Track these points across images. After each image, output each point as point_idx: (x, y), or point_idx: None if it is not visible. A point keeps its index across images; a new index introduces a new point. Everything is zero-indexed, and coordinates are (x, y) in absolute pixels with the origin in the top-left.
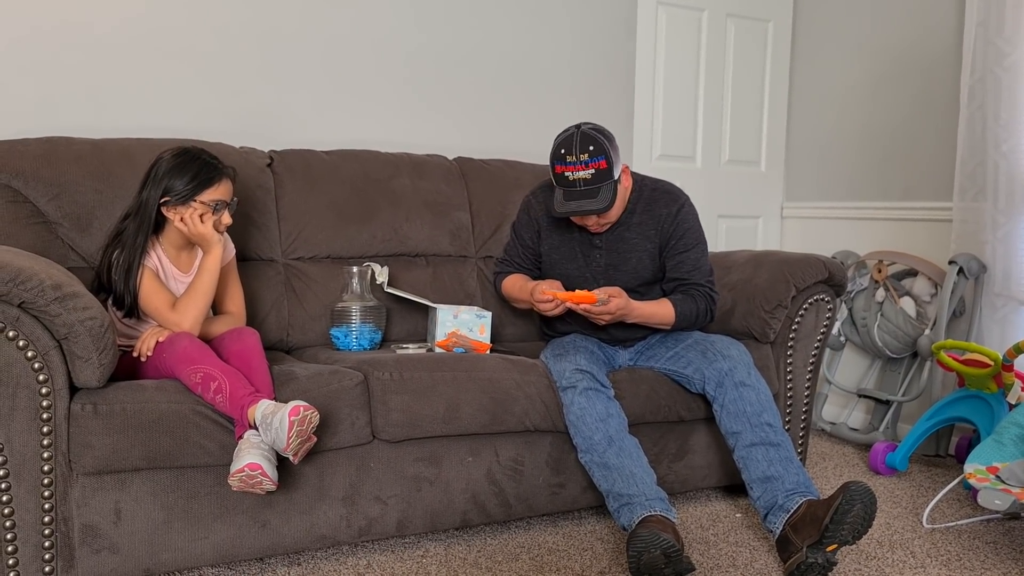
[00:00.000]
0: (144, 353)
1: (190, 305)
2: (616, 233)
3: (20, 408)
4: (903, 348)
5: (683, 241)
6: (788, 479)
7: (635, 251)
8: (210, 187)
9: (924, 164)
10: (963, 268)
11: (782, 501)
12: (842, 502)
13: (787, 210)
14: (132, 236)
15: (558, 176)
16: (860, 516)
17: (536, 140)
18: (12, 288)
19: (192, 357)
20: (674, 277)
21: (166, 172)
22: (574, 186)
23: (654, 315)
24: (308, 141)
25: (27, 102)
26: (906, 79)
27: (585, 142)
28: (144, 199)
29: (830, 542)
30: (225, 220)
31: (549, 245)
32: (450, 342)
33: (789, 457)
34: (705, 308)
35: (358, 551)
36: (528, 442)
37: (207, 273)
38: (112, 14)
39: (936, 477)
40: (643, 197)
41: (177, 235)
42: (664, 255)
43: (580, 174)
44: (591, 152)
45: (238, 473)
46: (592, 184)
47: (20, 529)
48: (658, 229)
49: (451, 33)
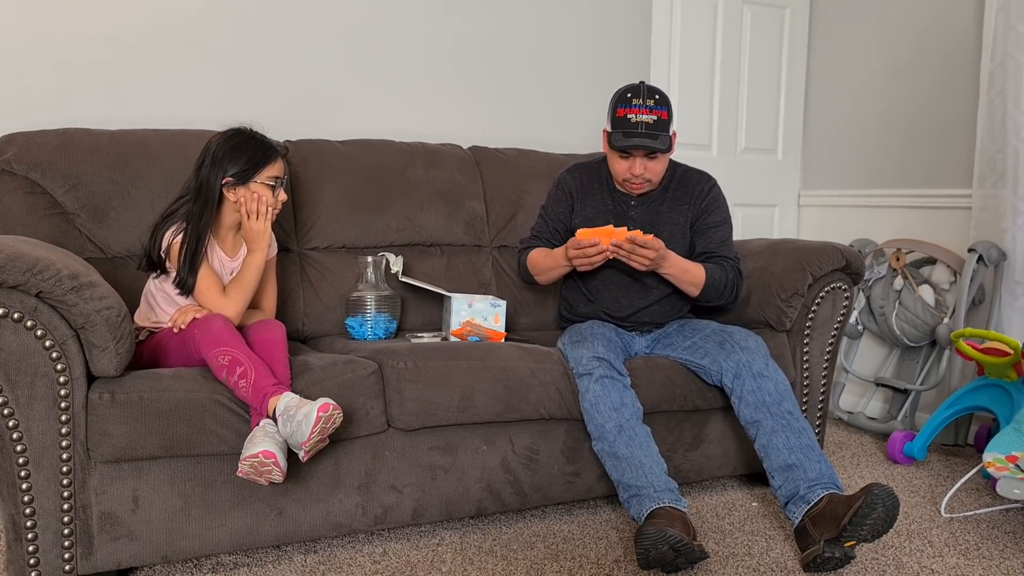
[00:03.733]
0: (179, 325)
1: (239, 294)
2: (650, 206)
3: (39, 397)
4: (921, 337)
5: (713, 217)
6: (811, 468)
7: (667, 224)
8: (267, 165)
9: (943, 151)
10: (983, 256)
11: (803, 492)
12: (863, 504)
13: (804, 198)
14: (197, 217)
15: (619, 119)
16: (881, 518)
17: (551, 129)
18: (30, 278)
19: (223, 339)
20: (703, 251)
21: (225, 153)
22: (636, 128)
23: (687, 271)
24: (323, 131)
25: (44, 94)
26: (925, 65)
27: (651, 91)
28: (204, 180)
29: (848, 539)
30: (282, 197)
31: (582, 217)
32: (465, 331)
33: (811, 445)
34: (733, 279)
35: (374, 539)
36: (543, 430)
37: (253, 270)
38: (128, 6)
39: (955, 466)
40: (676, 176)
41: (229, 218)
42: (694, 230)
43: (643, 118)
44: (656, 100)
45: (251, 458)
46: (653, 130)
47: (40, 516)
48: (690, 204)
49: (465, 22)
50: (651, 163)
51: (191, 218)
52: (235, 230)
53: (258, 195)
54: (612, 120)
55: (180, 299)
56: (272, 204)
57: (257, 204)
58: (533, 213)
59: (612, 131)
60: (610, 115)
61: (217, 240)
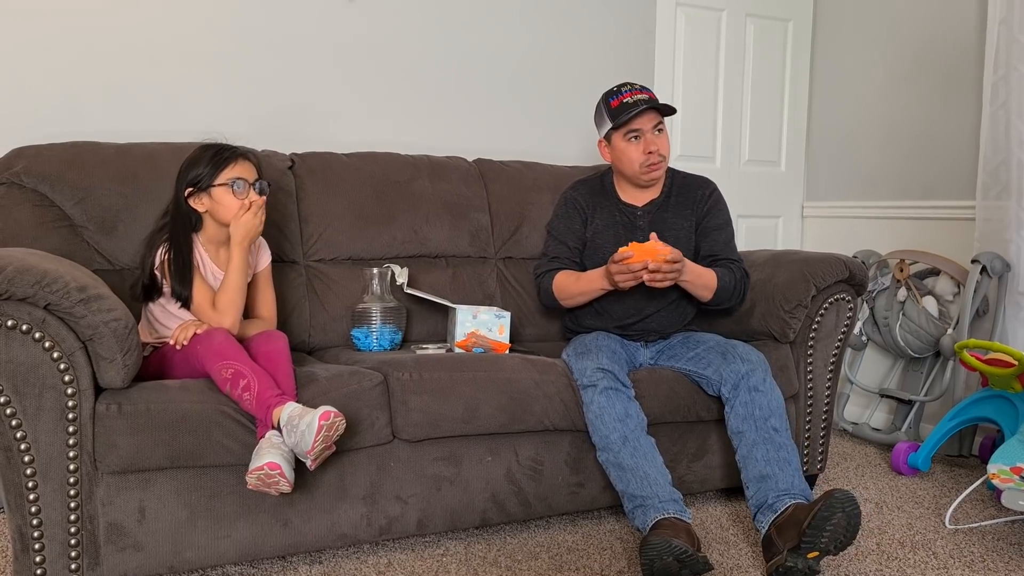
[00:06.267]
0: (180, 342)
1: (228, 304)
2: (656, 215)
3: (46, 408)
4: (925, 348)
5: (716, 220)
6: (782, 479)
7: (673, 230)
8: (226, 167)
9: (946, 162)
10: (986, 267)
11: (772, 501)
12: (822, 508)
13: (807, 210)
14: (176, 233)
15: (616, 108)
16: (841, 525)
17: (555, 142)
18: (38, 290)
19: (225, 353)
20: (709, 254)
21: (187, 166)
22: (636, 105)
23: (701, 276)
24: (329, 143)
25: (53, 107)
26: (928, 77)
27: (633, 83)
28: (175, 196)
29: (809, 549)
30: (253, 198)
31: (593, 230)
32: (469, 342)
33: (788, 460)
34: (741, 280)
35: (379, 550)
36: (547, 442)
37: (235, 273)
38: (136, 20)
39: (959, 477)
40: (676, 182)
41: (214, 231)
42: (698, 233)
43: (638, 96)
44: (641, 87)
45: (257, 471)
46: (651, 102)
47: (47, 527)
48: (693, 208)
49: (471, 36)
50: (659, 139)
51: (172, 235)
52: (225, 245)
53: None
54: (609, 113)
55: (180, 313)
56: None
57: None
58: (537, 225)
59: (615, 119)
60: (605, 112)
61: (208, 253)
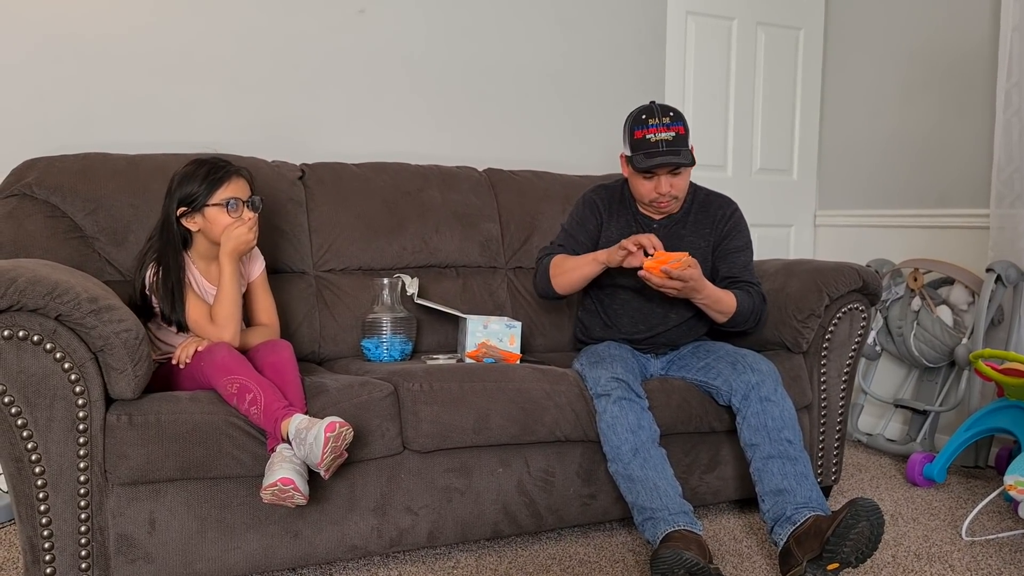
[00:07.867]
0: (183, 361)
1: (226, 316)
2: (672, 230)
3: (57, 419)
4: (940, 357)
5: (736, 241)
6: (800, 493)
7: (688, 247)
8: (221, 186)
9: (960, 170)
10: (1001, 276)
11: (790, 513)
12: (847, 516)
13: (820, 218)
14: (165, 253)
15: (638, 141)
16: (865, 534)
17: (565, 151)
18: (49, 301)
19: (229, 367)
20: (727, 276)
21: (178, 184)
22: (656, 147)
23: (720, 300)
24: (339, 154)
25: (65, 118)
26: (940, 84)
27: (665, 109)
28: (164, 214)
29: (831, 559)
30: (246, 216)
31: (607, 236)
32: (480, 352)
33: (804, 473)
34: (760, 304)
35: (389, 561)
36: (559, 452)
37: (226, 284)
38: (146, 31)
39: (975, 489)
40: (697, 200)
41: (206, 247)
42: (716, 254)
43: (662, 136)
44: (672, 117)
45: (270, 487)
46: (674, 146)
47: (57, 538)
48: (712, 228)
49: (480, 45)
50: (676, 179)
51: (161, 255)
52: (215, 261)
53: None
54: (630, 143)
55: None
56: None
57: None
58: (548, 234)
59: (632, 154)
60: (627, 138)
61: (198, 268)
